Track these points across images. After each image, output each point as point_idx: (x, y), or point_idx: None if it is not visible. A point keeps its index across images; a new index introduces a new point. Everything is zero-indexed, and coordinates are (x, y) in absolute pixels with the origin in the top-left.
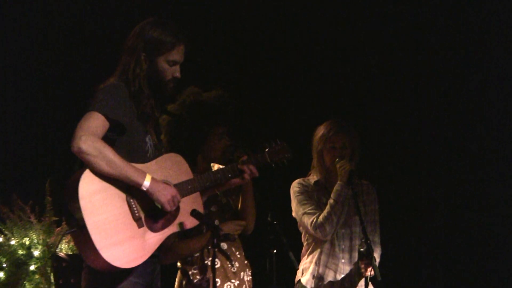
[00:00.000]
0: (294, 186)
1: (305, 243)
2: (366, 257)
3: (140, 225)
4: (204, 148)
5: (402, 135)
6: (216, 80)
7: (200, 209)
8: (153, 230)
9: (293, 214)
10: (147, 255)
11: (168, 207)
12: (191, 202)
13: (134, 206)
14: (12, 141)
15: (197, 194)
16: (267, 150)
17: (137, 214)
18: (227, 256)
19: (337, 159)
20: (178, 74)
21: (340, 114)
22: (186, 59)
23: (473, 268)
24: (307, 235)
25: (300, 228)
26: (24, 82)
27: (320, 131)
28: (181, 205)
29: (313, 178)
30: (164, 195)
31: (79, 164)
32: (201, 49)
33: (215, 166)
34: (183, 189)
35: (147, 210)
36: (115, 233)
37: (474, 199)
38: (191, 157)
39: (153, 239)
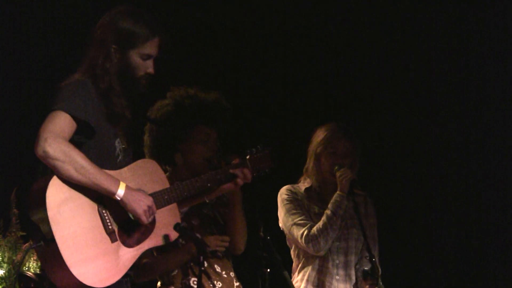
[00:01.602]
0: (282, 193)
1: (294, 259)
2: (371, 277)
3: (113, 239)
4: (184, 147)
5: (400, 142)
6: (207, 80)
7: (177, 221)
8: (127, 245)
9: (280, 224)
10: (121, 273)
11: (144, 219)
12: (168, 214)
13: (106, 217)
14: None
15: (174, 205)
16: (248, 157)
17: (110, 227)
18: (207, 276)
19: (336, 167)
20: (151, 70)
21: (331, 116)
22: (184, 59)
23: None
24: (297, 249)
25: (289, 242)
26: None
27: (322, 133)
28: (157, 217)
29: (303, 184)
30: (140, 205)
31: (42, 169)
32: (195, 49)
33: None
34: (159, 199)
35: (121, 222)
36: (86, 248)
37: (481, 208)
38: (168, 155)
39: (127, 256)
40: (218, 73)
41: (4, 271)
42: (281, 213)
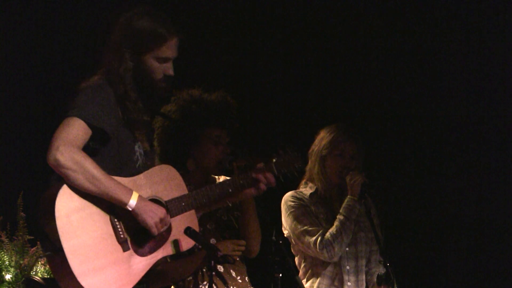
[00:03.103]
0: (288, 200)
1: (302, 266)
2: (385, 282)
3: (125, 249)
4: (196, 152)
5: (406, 142)
6: (213, 81)
7: (195, 229)
8: (140, 254)
9: (286, 232)
10: (133, 282)
11: (155, 231)
12: (185, 221)
13: (119, 227)
14: None
15: (192, 212)
16: (275, 160)
17: (122, 236)
18: (223, 281)
19: (344, 170)
20: (171, 72)
21: (333, 118)
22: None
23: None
24: (303, 257)
25: (294, 249)
26: None
27: (328, 135)
28: (173, 224)
29: (306, 189)
30: (151, 217)
31: (57, 177)
32: (200, 50)
33: (221, 179)
34: (175, 206)
35: (134, 231)
36: (96, 257)
37: (492, 209)
38: (180, 161)
39: (140, 265)
40: (219, 74)
41: (11, 275)
42: (287, 220)
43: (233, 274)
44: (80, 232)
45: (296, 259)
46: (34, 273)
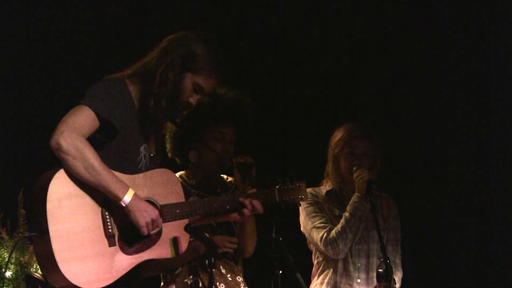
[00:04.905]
0: None
1: (315, 262)
2: (385, 279)
3: (111, 244)
4: (199, 145)
5: (424, 142)
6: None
7: (186, 239)
8: (126, 252)
9: (301, 228)
10: (113, 278)
11: (145, 231)
12: (177, 228)
13: (108, 221)
14: None
15: (186, 221)
16: (277, 187)
17: (110, 231)
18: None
19: (354, 168)
20: (193, 101)
21: (358, 117)
22: None
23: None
24: (317, 253)
25: (310, 246)
26: None
27: (339, 133)
28: (164, 230)
29: (324, 187)
30: (144, 216)
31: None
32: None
33: (229, 179)
34: (169, 212)
35: (123, 229)
36: (80, 246)
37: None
38: (182, 153)
39: (123, 262)
40: (235, 73)
41: (11, 272)
42: (301, 217)
43: (223, 271)
44: (69, 219)
45: (312, 255)
46: (34, 270)
